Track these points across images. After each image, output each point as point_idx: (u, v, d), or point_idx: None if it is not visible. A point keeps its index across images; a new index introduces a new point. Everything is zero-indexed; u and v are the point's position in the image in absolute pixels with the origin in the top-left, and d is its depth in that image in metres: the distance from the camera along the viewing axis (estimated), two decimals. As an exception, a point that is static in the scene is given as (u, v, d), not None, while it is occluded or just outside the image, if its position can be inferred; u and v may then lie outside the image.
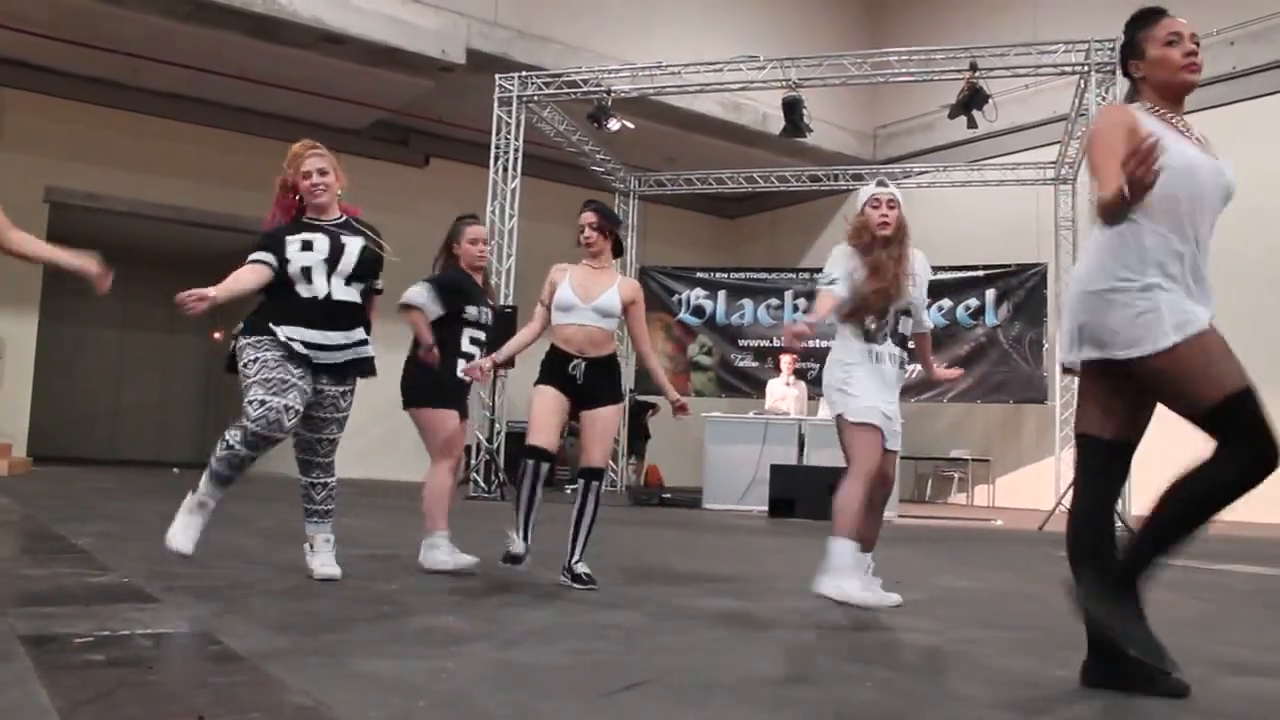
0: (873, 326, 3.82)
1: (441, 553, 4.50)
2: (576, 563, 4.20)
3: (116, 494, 9.03)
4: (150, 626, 2.86)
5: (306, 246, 3.85)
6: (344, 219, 4.02)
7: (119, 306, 18.31)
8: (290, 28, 11.59)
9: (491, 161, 11.88)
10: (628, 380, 14.78)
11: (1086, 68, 10.37)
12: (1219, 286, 2.60)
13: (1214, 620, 4.19)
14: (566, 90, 12.04)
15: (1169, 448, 2.82)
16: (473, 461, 11.62)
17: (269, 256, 3.84)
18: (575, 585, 4.13)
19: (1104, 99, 10.17)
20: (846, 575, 3.53)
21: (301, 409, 3.75)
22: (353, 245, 3.93)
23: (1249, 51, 12.24)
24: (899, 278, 3.80)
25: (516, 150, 11.88)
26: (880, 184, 3.99)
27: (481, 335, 4.67)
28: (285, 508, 3.76)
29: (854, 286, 3.80)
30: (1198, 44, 2.64)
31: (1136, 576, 2.48)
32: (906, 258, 3.87)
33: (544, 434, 4.23)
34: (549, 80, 12.06)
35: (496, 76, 11.97)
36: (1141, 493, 2.80)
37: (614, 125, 12.10)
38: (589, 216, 4.43)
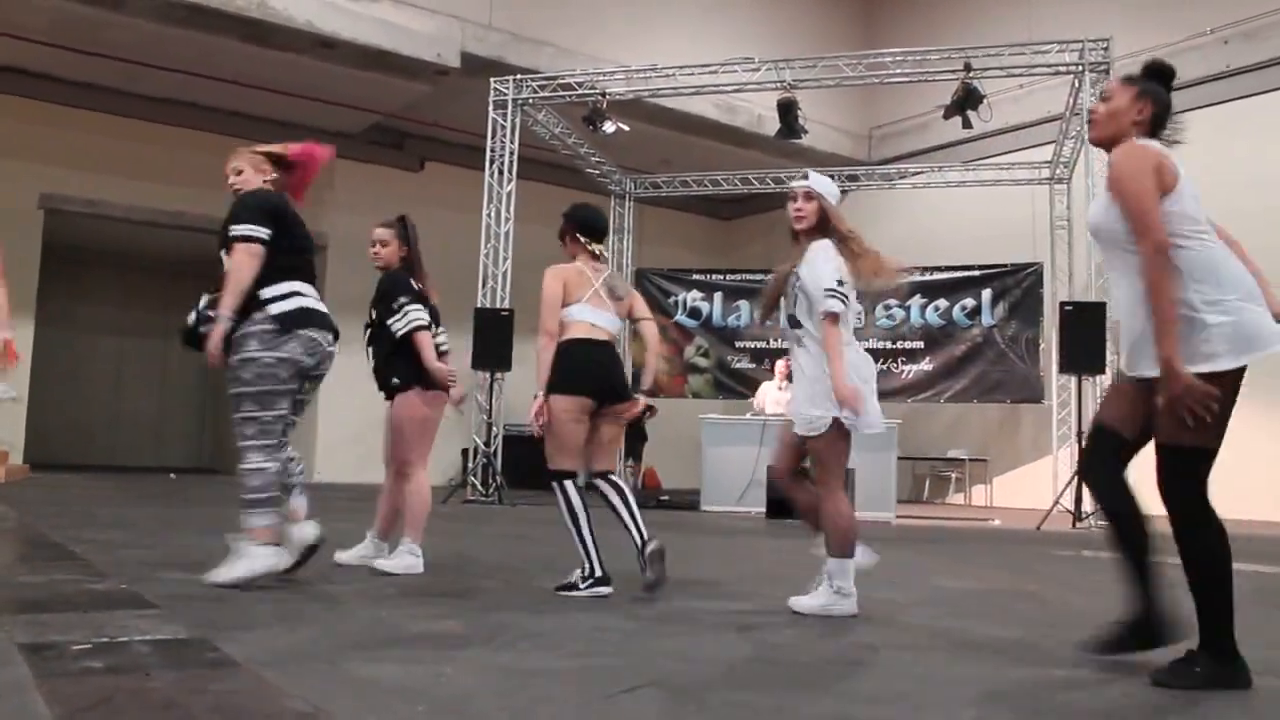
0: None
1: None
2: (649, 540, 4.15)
3: (114, 500, 9.01)
4: (148, 633, 2.86)
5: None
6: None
7: (117, 313, 18.29)
8: (284, 32, 11.57)
9: (487, 165, 11.87)
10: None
11: (1080, 67, 10.37)
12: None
13: (1212, 618, 4.18)
14: (561, 93, 12.04)
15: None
16: (470, 465, 11.61)
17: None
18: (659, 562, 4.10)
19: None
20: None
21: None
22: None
23: (1242, 50, 12.28)
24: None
25: (512, 153, 11.87)
26: (803, 176, 4.00)
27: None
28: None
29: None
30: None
31: None
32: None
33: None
34: (544, 83, 12.06)
35: (491, 80, 11.97)
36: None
37: (609, 128, 12.11)
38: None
